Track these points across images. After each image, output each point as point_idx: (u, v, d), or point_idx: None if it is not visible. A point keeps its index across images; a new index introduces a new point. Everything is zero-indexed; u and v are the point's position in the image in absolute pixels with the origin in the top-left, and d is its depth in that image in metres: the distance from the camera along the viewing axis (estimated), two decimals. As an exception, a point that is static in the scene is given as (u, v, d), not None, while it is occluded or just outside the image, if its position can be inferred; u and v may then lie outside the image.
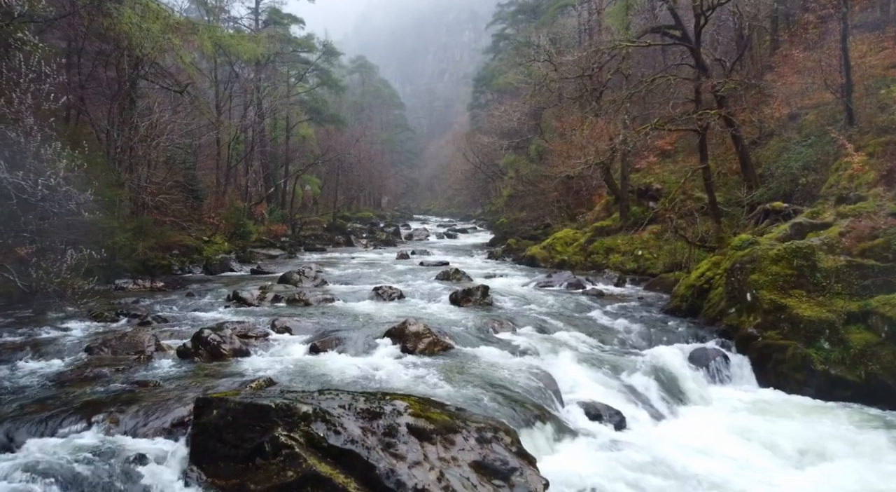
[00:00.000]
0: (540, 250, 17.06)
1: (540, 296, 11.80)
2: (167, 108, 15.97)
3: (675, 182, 16.09)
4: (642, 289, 12.81)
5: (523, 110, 21.79)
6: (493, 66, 41.07)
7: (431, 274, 14.69)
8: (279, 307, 10.12)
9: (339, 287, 12.33)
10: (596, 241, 16.33)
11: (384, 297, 11.00)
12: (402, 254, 19.67)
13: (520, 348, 7.62)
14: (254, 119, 21.89)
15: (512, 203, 33.97)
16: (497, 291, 11.73)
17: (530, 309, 10.30)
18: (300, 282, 12.34)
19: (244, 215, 21.76)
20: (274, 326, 8.23)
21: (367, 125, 45.25)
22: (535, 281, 13.49)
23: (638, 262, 14.59)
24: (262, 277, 14.03)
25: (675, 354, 7.71)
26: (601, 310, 10.34)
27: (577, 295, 11.92)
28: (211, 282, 13.43)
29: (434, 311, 10.00)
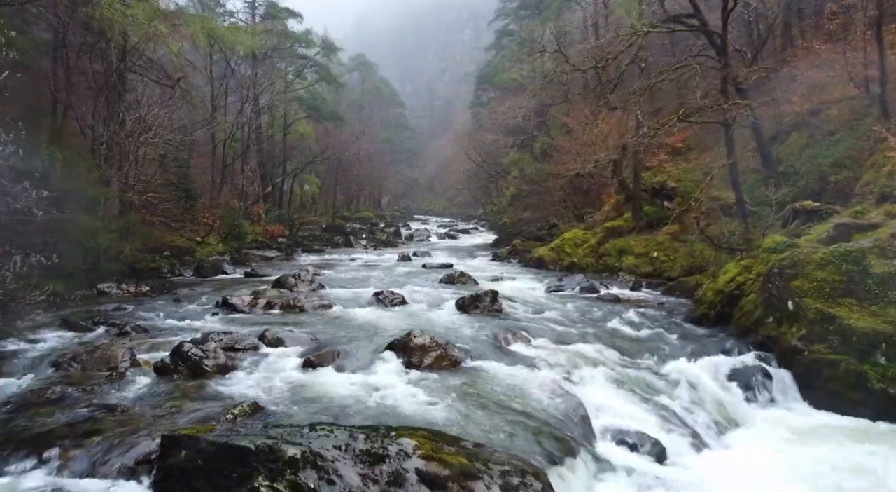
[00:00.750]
0: (548, 252, 16.28)
1: (552, 301, 11.03)
2: (158, 103, 15.18)
3: (691, 180, 15.32)
4: (660, 293, 12.04)
5: (529, 107, 21.02)
6: (496, 63, 40.27)
7: (435, 277, 13.91)
8: (272, 315, 9.34)
9: (338, 292, 11.55)
10: (607, 242, 15.54)
11: (385, 303, 10.22)
12: (404, 256, 18.89)
13: (537, 363, 6.83)
14: (250, 115, 21.09)
15: (515, 203, 33.20)
16: (506, 297, 10.95)
17: (544, 317, 9.52)
18: (296, 286, 11.56)
19: (240, 215, 20.97)
20: (264, 338, 7.44)
21: (367, 123, 44.40)
22: (546, 285, 12.71)
23: (653, 264, 13.81)
24: (255, 281, 13.25)
25: (711, 370, 6.94)
26: (620, 317, 9.56)
27: (592, 300, 11.14)
28: (201, 286, 12.65)
29: (439, 318, 9.22)
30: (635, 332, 8.55)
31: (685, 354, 7.53)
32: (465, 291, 11.75)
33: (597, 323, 9.19)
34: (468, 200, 56.82)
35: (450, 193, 67.98)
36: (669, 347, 7.78)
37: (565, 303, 10.79)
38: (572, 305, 10.53)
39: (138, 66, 17.14)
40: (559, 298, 11.46)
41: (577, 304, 10.64)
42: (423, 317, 9.33)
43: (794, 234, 9.83)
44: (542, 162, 28.31)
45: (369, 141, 48.41)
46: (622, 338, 8.17)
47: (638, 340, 8.04)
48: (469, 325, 8.72)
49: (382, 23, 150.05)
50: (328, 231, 29.42)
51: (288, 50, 28.84)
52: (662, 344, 7.87)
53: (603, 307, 10.42)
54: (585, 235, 16.44)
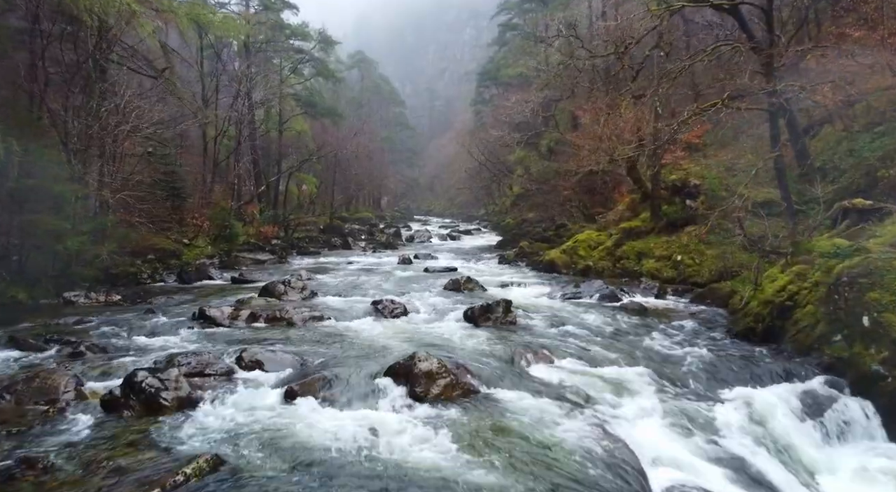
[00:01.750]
0: (560, 255, 15.12)
1: (571, 311, 9.88)
2: (139, 94, 14.04)
3: (714, 177, 14.18)
4: (689, 302, 10.88)
5: (536, 101, 19.89)
6: (499, 58, 39.12)
7: (439, 283, 12.77)
8: (255, 329, 8.18)
9: (332, 300, 10.40)
10: (625, 244, 14.40)
11: (385, 313, 9.08)
12: (404, 258, 17.74)
13: (567, 392, 5.69)
14: (241, 110, 19.96)
15: (519, 203, 32.07)
16: (519, 306, 9.80)
17: (565, 330, 8.36)
18: (285, 294, 10.41)
19: (231, 216, 19.82)
20: (241, 361, 6.29)
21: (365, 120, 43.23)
22: (561, 291, 11.56)
23: (677, 269, 12.66)
24: (242, 288, 12.09)
25: (774, 401, 5.78)
26: (651, 331, 8.43)
27: (615, 310, 9.99)
28: (182, 293, 11.49)
29: (446, 332, 8.07)
30: (674, 350, 7.40)
31: (739, 379, 6.38)
32: (473, 300, 10.62)
33: (626, 338, 8.04)
34: (469, 200, 55.70)
35: (450, 193, 66.88)
36: (719, 370, 6.62)
37: (585, 313, 9.65)
38: (594, 315, 9.38)
39: (120, 56, 16.02)
40: (577, 307, 10.31)
41: (599, 314, 9.49)
42: (427, 330, 8.18)
43: (846, 235, 8.68)
44: (548, 160, 27.19)
45: (369, 139, 47.28)
46: (661, 358, 7.01)
47: (680, 362, 6.88)
48: (481, 340, 7.58)
49: (382, 22, 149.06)
50: (325, 232, 28.28)
51: (283, 43, 27.69)
52: (710, 366, 6.71)
53: (629, 319, 9.27)
54: (600, 237, 15.29)
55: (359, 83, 59.75)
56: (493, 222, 40.20)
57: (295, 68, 28.83)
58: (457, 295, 11.29)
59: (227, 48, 23.51)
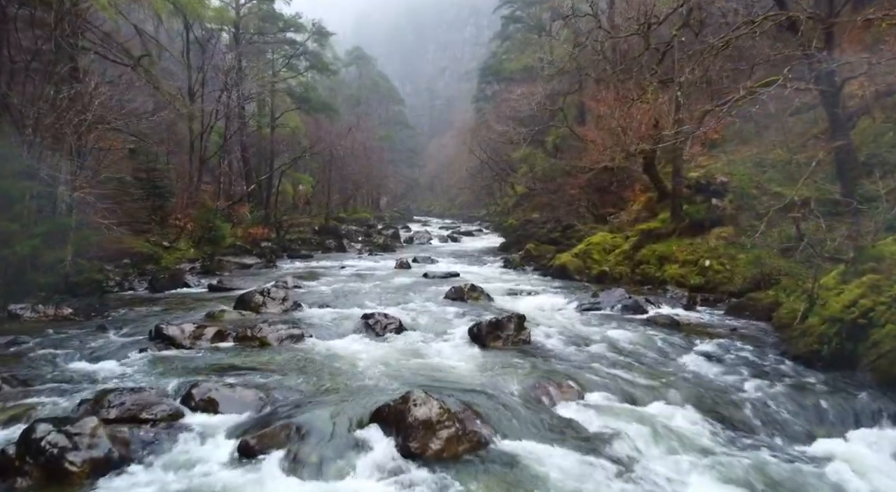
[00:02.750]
0: (572, 259, 13.81)
1: (592, 326, 8.58)
2: (110, 83, 12.76)
3: (744, 174, 12.88)
4: (724, 314, 9.59)
5: (543, 93, 18.59)
6: (503, 51, 37.80)
7: (439, 290, 11.48)
8: (221, 351, 6.88)
9: (316, 313, 9.08)
10: (644, 247, 13.10)
11: (376, 330, 7.78)
12: (402, 262, 16.44)
13: (607, 443, 4.40)
14: (227, 103, 18.66)
15: (523, 203, 30.80)
16: (533, 320, 8.52)
17: (589, 352, 7.07)
18: (263, 306, 9.10)
19: (217, 216, 18.52)
20: (191, 399, 4.99)
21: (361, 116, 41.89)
22: (577, 301, 10.25)
23: (705, 275, 11.36)
24: (219, 297, 10.80)
25: (875, 453, 4.49)
26: (690, 352, 7.14)
27: (642, 325, 8.69)
28: (149, 304, 10.19)
29: (448, 356, 6.78)
30: (724, 378, 6.10)
31: (818, 422, 5.09)
32: (478, 312, 9.34)
33: (663, 363, 6.74)
34: (470, 200, 54.41)
35: (451, 193, 65.64)
36: (789, 409, 5.31)
37: (609, 328, 8.34)
38: (619, 332, 8.08)
39: (93, 42, 14.76)
40: (598, 320, 9.00)
41: (626, 330, 8.18)
42: (425, 354, 6.88)
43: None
44: (554, 157, 25.89)
45: (367, 138, 45.99)
46: (712, 391, 5.70)
47: (736, 396, 5.58)
48: (491, 367, 6.29)
49: (382, 21, 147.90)
50: (320, 234, 26.97)
51: (275, 35, 26.38)
52: (776, 403, 5.40)
53: (660, 336, 7.96)
54: (615, 240, 13.98)
55: (357, 81, 58.40)
56: (494, 223, 38.92)
57: (289, 61, 27.50)
58: (460, 306, 9.98)
59: (214, 38, 22.20)
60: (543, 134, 25.88)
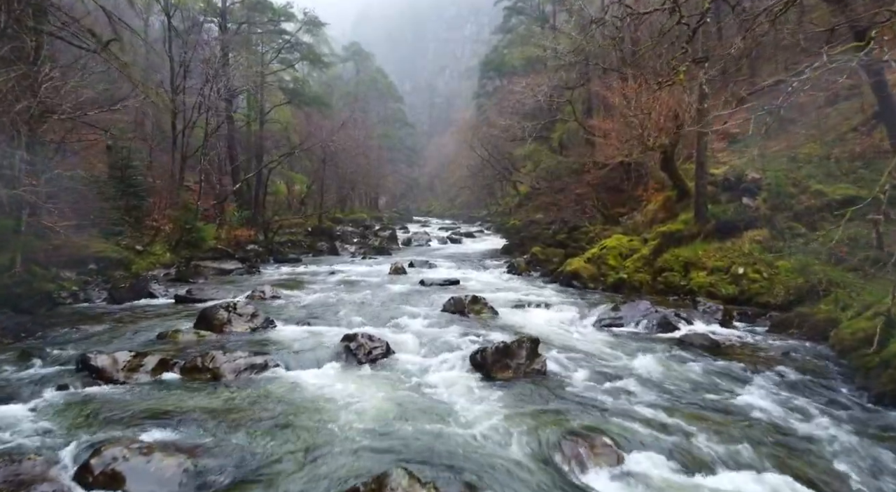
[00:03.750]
0: (585, 265, 12.42)
1: (616, 349, 7.21)
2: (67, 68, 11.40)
3: (780, 170, 11.50)
4: (768, 331, 8.23)
5: (550, 84, 17.23)
6: (505, 45, 36.38)
7: (437, 301, 10.13)
8: (160, 387, 5.51)
9: (290, 333, 7.71)
10: (666, 252, 11.73)
11: (358, 356, 6.42)
12: (397, 267, 15.07)
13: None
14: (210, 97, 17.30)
15: (526, 203, 29.42)
16: (545, 339, 7.17)
17: (619, 387, 5.70)
18: (227, 323, 7.73)
19: (196, 217, 17.15)
20: (88, 472, 3.64)
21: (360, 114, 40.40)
22: (596, 316, 8.88)
23: (739, 284, 9.98)
24: (183, 311, 9.42)
25: None
26: (742, 385, 5.79)
27: (675, 346, 7.32)
28: (101, 319, 8.81)
29: (445, 394, 5.43)
30: (803, 427, 4.73)
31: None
32: (481, 329, 7.99)
33: (716, 402, 5.36)
34: (470, 200, 52.98)
35: (451, 192, 64.22)
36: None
37: (637, 352, 6.98)
38: (651, 358, 6.71)
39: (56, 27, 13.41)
40: (623, 341, 7.64)
41: (658, 355, 6.82)
42: (415, 390, 5.52)
43: None
44: (560, 155, 24.53)
45: (364, 135, 44.57)
46: (793, 449, 4.33)
47: (828, 455, 4.21)
48: (498, 410, 4.93)
49: (381, 20, 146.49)
50: (313, 235, 25.59)
51: (264, 25, 25.02)
52: (884, 469, 4.03)
53: (701, 362, 6.60)
54: (633, 243, 12.60)
55: (354, 77, 56.95)
56: (496, 224, 37.57)
57: (279, 53, 26.10)
58: (459, 321, 8.62)
59: (197, 27, 20.88)
60: (549, 130, 24.52)
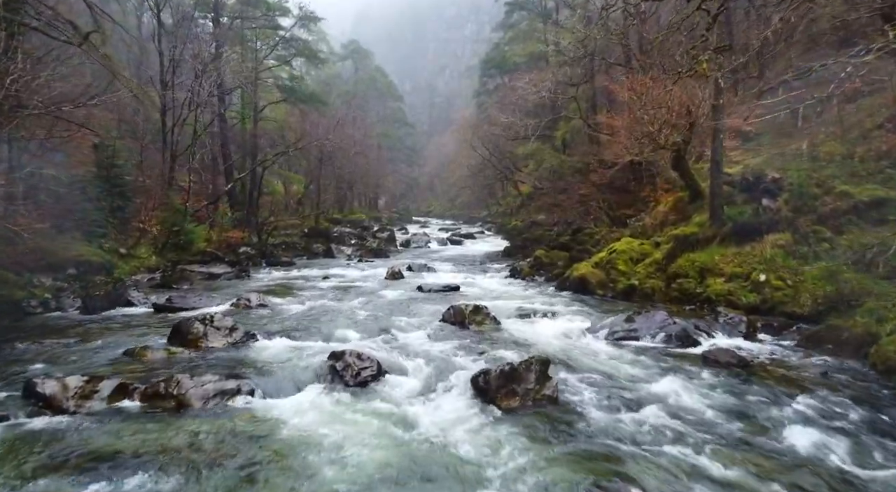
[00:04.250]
0: (593, 270, 11.68)
1: (635, 367, 6.49)
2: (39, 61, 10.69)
3: (802, 169, 10.77)
4: (797, 346, 7.49)
5: (554, 80, 16.52)
6: (506, 41, 35.63)
7: (435, 310, 9.41)
8: (117, 416, 4.80)
9: (272, 349, 6.98)
10: (679, 257, 11.00)
11: (345, 378, 5.71)
12: (394, 272, 14.35)
13: None
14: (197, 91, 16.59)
15: (528, 203, 28.74)
16: (554, 356, 6.46)
17: (643, 419, 4.97)
18: (203, 338, 7.01)
19: (185, 219, 16.43)
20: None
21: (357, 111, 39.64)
22: (608, 328, 8.14)
23: (760, 292, 9.25)
24: (161, 321, 8.70)
25: None
26: (783, 412, 5.07)
27: (699, 365, 6.60)
28: (69, 332, 8.09)
29: (442, 426, 4.72)
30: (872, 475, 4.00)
31: None
32: (483, 343, 7.28)
33: (751, 437, 4.63)
34: (471, 200, 52.35)
35: (451, 192, 63.55)
36: None
37: (658, 372, 6.27)
38: (675, 380, 5.99)
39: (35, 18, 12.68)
40: (641, 358, 6.91)
41: (682, 377, 6.10)
42: (408, 422, 4.80)
43: None
44: (563, 153, 23.81)
45: (364, 135, 43.86)
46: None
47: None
48: (505, 451, 4.21)
49: (381, 20, 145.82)
50: (309, 237, 24.89)
51: (258, 20, 24.30)
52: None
53: (731, 384, 5.89)
54: (643, 247, 11.87)
55: (352, 76, 56.16)
56: (497, 225, 36.89)
57: (274, 49, 25.35)
58: (460, 334, 7.90)
59: (187, 21, 20.17)
60: (551, 128, 23.80)
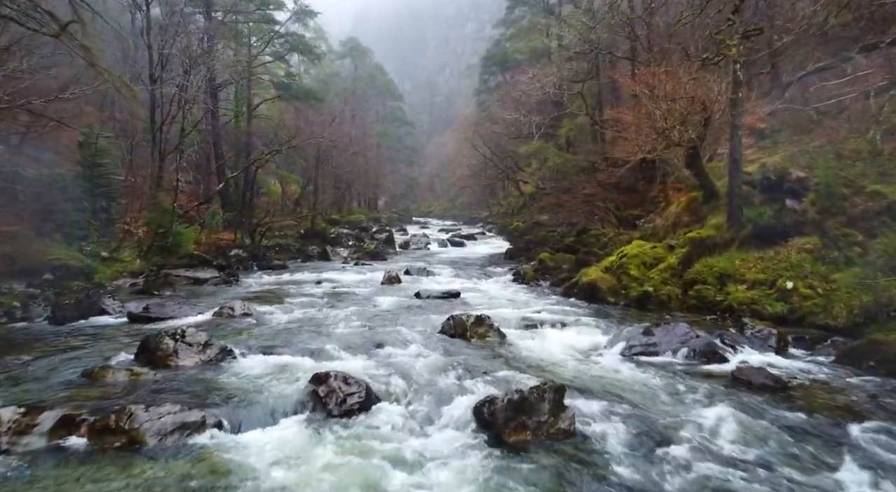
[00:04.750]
0: (603, 276, 10.93)
1: (658, 390, 5.74)
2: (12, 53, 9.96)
3: (829, 168, 10.01)
4: (834, 363, 6.75)
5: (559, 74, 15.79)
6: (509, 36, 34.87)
7: (434, 320, 8.68)
8: (57, 456, 4.06)
9: (250, 369, 6.22)
10: (696, 262, 10.26)
11: (328, 406, 4.98)
12: (391, 276, 13.61)
13: None
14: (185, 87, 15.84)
15: (530, 204, 28.00)
16: (566, 375, 5.73)
17: (675, 457, 4.23)
18: (174, 355, 6.26)
19: (173, 220, 15.69)
20: None
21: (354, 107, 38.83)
22: (625, 341, 7.38)
23: (787, 301, 8.52)
24: (133, 334, 7.95)
25: None
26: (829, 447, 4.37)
27: (730, 386, 5.87)
28: (31, 346, 7.35)
29: (441, 468, 3.96)
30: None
31: None
32: (487, 358, 6.55)
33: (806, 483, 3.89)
34: (471, 201, 51.62)
35: (452, 192, 62.82)
36: None
37: (683, 395, 5.54)
38: (704, 404, 5.27)
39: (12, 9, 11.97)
40: (663, 377, 6.16)
41: (711, 400, 5.37)
42: (401, 463, 4.05)
43: None
44: (567, 152, 23.05)
45: (363, 134, 43.11)
46: None
47: None
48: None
49: (381, 20, 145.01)
50: (305, 238, 24.14)
51: (252, 14, 23.54)
52: None
53: (768, 411, 5.16)
54: (657, 250, 11.12)
55: (351, 74, 55.32)
56: (498, 226, 36.15)
57: (268, 44, 24.58)
58: (461, 348, 7.16)
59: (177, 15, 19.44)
60: (555, 126, 23.04)
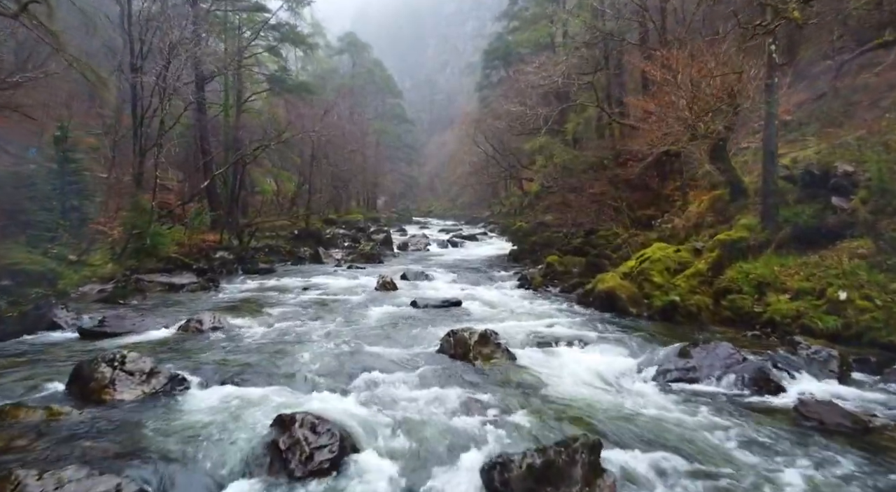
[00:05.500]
0: (622, 282, 9.74)
1: (708, 432, 4.58)
2: None
3: (883, 161, 8.83)
4: (916, 394, 5.59)
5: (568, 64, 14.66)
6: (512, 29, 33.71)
7: (430, 336, 7.54)
8: None
9: (201, 403, 5.05)
10: (729, 267, 9.09)
11: (290, 465, 3.82)
12: (386, 282, 12.45)
13: None
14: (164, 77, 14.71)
15: (535, 203, 26.85)
16: (594, 413, 4.56)
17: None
18: (111, 386, 5.11)
19: (151, 220, 14.54)
20: None
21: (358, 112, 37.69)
22: (657, 366, 6.21)
23: (841, 314, 7.35)
24: (83, 353, 6.80)
25: None
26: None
27: (789, 422, 4.74)
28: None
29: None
30: None
31: None
32: (494, 391, 5.39)
33: None
34: (472, 200, 50.51)
35: (452, 192, 61.72)
36: None
37: (738, 441, 4.39)
38: (766, 453, 4.11)
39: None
40: (711, 415, 5.00)
41: (778, 449, 4.23)
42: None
43: None
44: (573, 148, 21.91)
45: (361, 131, 41.95)
46: None
47: None
48: None
49: (380, 18, 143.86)
50: (298, 239, 22.97)
51: (240, 2, 22.40)
52: None
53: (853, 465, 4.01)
54: (681, 254, 9.94)
55: (349, 70, 54.13)
56: (500, 226, 34.98)
57: (258, 34, 23.41)
58: (463, 373, 6.00)
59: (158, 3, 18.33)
60: (560, 122, 21.88)
